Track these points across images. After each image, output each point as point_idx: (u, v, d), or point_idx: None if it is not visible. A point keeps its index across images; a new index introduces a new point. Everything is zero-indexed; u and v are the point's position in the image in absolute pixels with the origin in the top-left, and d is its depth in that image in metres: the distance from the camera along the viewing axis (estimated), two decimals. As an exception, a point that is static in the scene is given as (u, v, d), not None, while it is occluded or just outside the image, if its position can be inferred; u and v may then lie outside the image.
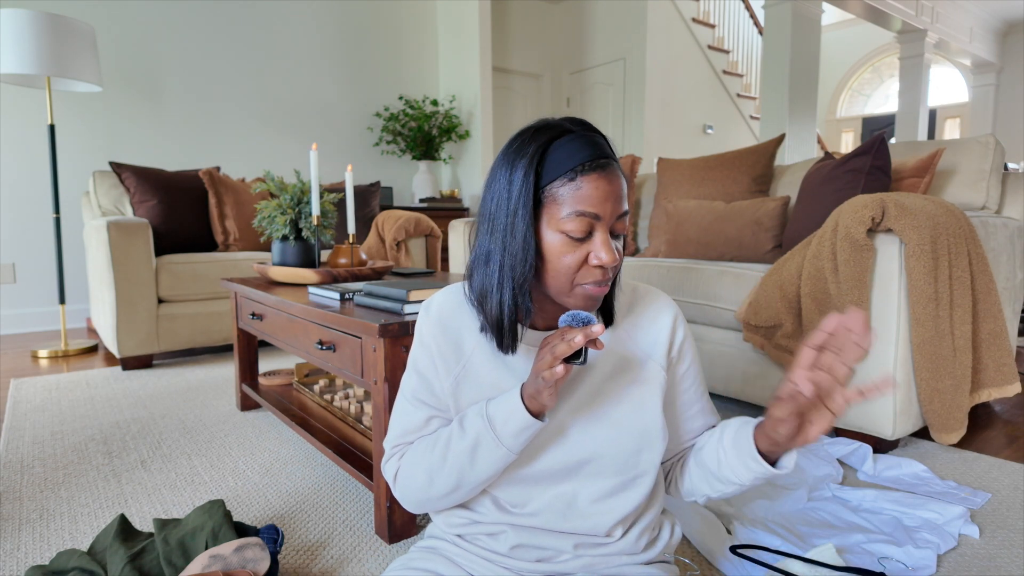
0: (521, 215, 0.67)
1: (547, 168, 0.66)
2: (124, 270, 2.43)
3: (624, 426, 0.75)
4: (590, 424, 0.75)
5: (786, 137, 4.85)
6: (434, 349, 0.76)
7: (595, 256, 0.67)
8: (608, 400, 0.76)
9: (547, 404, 0.66)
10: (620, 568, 0.78)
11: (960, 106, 8.56)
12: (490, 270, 0.70)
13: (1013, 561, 1.05)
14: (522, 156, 0.67)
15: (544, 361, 0.63)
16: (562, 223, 0.66)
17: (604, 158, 0.66)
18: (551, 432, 0.75)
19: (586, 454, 0.74)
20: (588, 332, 0.61)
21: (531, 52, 5.93)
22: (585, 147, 0.66)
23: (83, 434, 1.74)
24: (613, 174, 0.67)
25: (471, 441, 0.71)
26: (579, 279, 0.68)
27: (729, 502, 1.23)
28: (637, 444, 0.75)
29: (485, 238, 0.71)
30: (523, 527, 0.76)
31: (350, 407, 1.58)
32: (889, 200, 1.41)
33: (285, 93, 4.33)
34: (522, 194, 0.66)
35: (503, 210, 0.68)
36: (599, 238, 0.67)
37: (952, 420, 1.46)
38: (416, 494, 0.77)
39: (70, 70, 2.68)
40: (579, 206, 0.65)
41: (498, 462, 0.71)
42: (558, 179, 0.66)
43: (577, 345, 0.61)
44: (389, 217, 3.25)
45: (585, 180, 0.65)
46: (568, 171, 0.66)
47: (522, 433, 0.69)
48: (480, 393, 0.75)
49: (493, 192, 0.70)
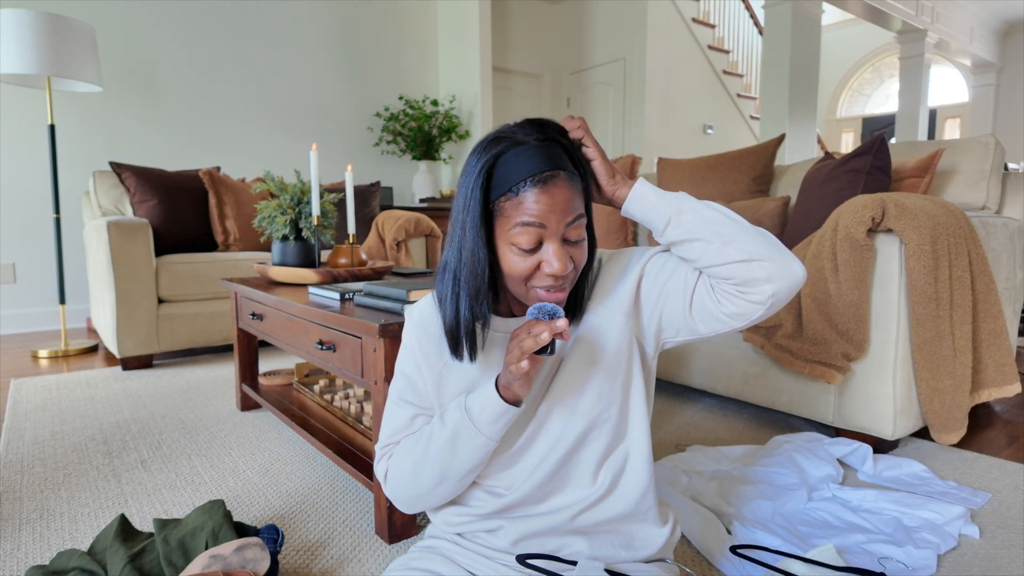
0: (472, 229, 0.70)
1: (495, 183, 0.69)
2: (124, 270, 2.43)
3: (600, 395, 0.76)
4: (565, 404, 0.77)
5: (786, 137, 4.85)
6: (417, 351, 0.80)
7: (546, 265, 0.69)
8: (582, 377, 0.77)
9: (520, 394, 0.69)
10: (622, 565, 0.78)
11: (960, 106, 8.55)
12: (446, 279, 0.74)
13: (1013, 561, 1.05)
14: (473, 171, 0.70)
15: (512, 355, 0.66)
16: (511, 236, 0.69)
17: (546, 171, 0.67)
18: (528, 415, 0.77)
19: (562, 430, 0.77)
20: (553, 327, 0.64)
21: (531, 52, 5.93)
22: (529, 161, 0.68)
23: (83, 434, 1.74)
24: (557, 186, 0.68)
25: (451, 432, 0.74)
26: (533, 283, 0.71)
27: (729, 502, 1.23)
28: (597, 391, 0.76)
29: (447, 247, 0.75)
30: (521, 518, 0.77)
31: (350, 407, 1.58)
32: (889, 200, 1.41)
33: (285, 93, 4.33)
34: (471, 209, 0.70)
35: (458, 222, 0.72)
36: (549, 248, 0.69)
37: (952, 420, 1.46)
38: (405, 491, 0.80)
39: (70, 70, 2.68)
40: (524, 219, 0.68)
41: (479, 450, 0.73)
42: (504, 194, 0.68)
43: (543, 341, 0.64)
44: (389, 217, 3.25)
45: (527, 195, 0.67)
46: (512, 186, 0.68)
47: (498, 420, 0.72)
48: (462, 387, 0.78)
49: (455, 203, 0.73)
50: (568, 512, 0.77)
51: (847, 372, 1.48)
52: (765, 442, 1.63)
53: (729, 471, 1.37)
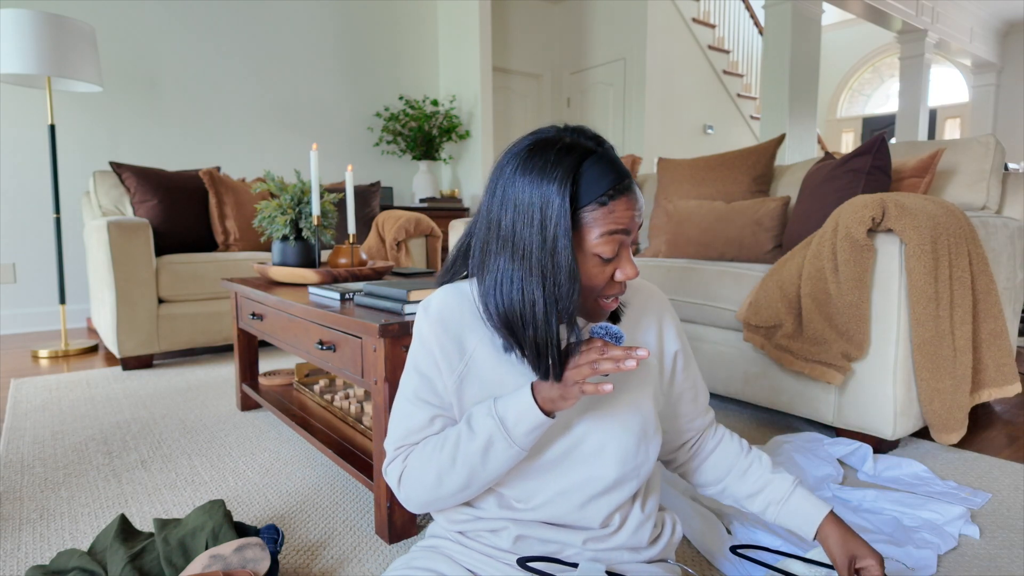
0: (563, 244, 0.65)
1: (580, 193, 0.66)
2: (124, 270, 2.43)
3: (626, 422, 0.76)
4: (594, 420, 0.76)
5: (786, 137, 4.85)
6: (436, 348, 0.75)
7: (621, 272, 0.70)
8: (610, 396, 0.77)
9: (564, 408, 0.68)
10: (623, 566, 0.78)
11: (960, 106, 8.56)
12: (526, 298, 0.67)
13: (1013, 561, 1.05)
14: (550, 180, 0.65)
15: (581, 371, 0.65)
16: (595, 246, 0.67)
17: (628, 178, 0.69)
18: (558, 428, 0.76)
19: (590, 450, 0.76)
20: (640, 356, 0.63)
21: (531, 52, 5.93)
22: (611, 169, 0.68)
23: (83, 434, 1.74)
24: (636, 193, 0.70)
25: (483, 441, 0.71)
26: (603, 292, 0.71)
27: (729, 502, 1.23)
28: (637, 438, 0.77)
29: (501, 259, 0.69)
30: (526, 522, 0.77)
31: (350, 407, 1.58)
32: (889, 200, 1.41)
33: (285, 93, 4.33)
34: (560, 222, 0.65)
35: (535, 237, 0.66)
36: (625, 255, 0.70)
37: (952, 420, 1.46)
38: (424, 495, 0.76)
39: (70, 70, 2.68)
40: (613, 227, 0.67)
41: (510, 460, 0.72)
42: (590, 204, 0.67)
43: (627, 368, 0.62)
44: (389, 217, 3.25)
45: (616, 204, 0.67)
46: (600, 195, 0.66)
47: (534, 431, 0.70)
48: (484, 391, 0.75)
49: (512, 211, 0.67)
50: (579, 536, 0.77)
51: (847, 372, 1.48)
52: (765, 442, 1.63)
53: (729, 471, 1.37)
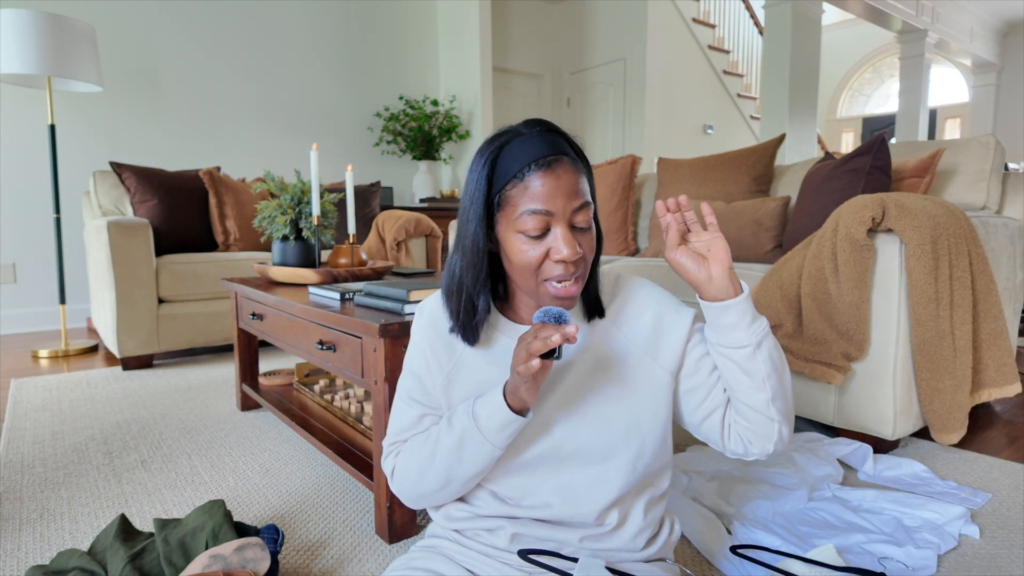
0: (475, 222, 0.71)
1: (498, 174, 0.70)
2: (124, 270, 2.43)
3: (609, 419, 0.76)
4: (574, 419, 0.76)
5: (786, 137, 4.84)
6: (427, 349, 0.79)
7: (555, 251, 0.69)
8: (592, 393, 0.76)
9: (527, 400, 0.68)
10: (622, 564, 0.78)
11: (960, 106, 8.55)
12: (454, 274, 0.75)
13: (1013, 561, 1.05)
14: (478, 164, 0.71)
15: (519, 357, 0.65)
16: (517, 223, 0.69)
17: (550, 155, 0.68)
18: (538, 426, 0.76)
19: (572, 447, 0.76)
20: (565, 332, 0.62)
21: (531, 52, 5.93)
22: (533, 147, 0.68)
23: (83, 434, 1.74)
24: (562, 169, 0.68)
25: (457, 437, 0.73)
26: (543, 275, 0.70)
27: (729, 502, 1.23)
28: (622, 434, 0.76)
29: (454, 246, 0.76)
30: (521, 519, 0.77)
31: (350, 407, 1.58)
32: (889, 200, 1.41)
33: (285, 93, 4.33)
34: (474, 201, 0.71)
35: (463, 218, 0.73)
36: (556, 233, 0.69)
37: (952, 420, 1.46)
38: (411, 489, 0.80)
39: (70, 70, 2.68)
40: (530, 204, 0.68)
41: (484, 457, 0.73)
42: (509, 182, 0.69)
43: (553, 344, 0.63)
44: (389, 217, 3.25)
45: (532, 179, 0.68)
46: (516, 173, 0.68)
47: (505, 428, 0.71)
48: (471, 390, 0.77)
49: (462, 201, 0.74)
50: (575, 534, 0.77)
51: (847, 372, 1.48)
52: (765, 442, 1.63)
53: (729, 471, 1.37)
